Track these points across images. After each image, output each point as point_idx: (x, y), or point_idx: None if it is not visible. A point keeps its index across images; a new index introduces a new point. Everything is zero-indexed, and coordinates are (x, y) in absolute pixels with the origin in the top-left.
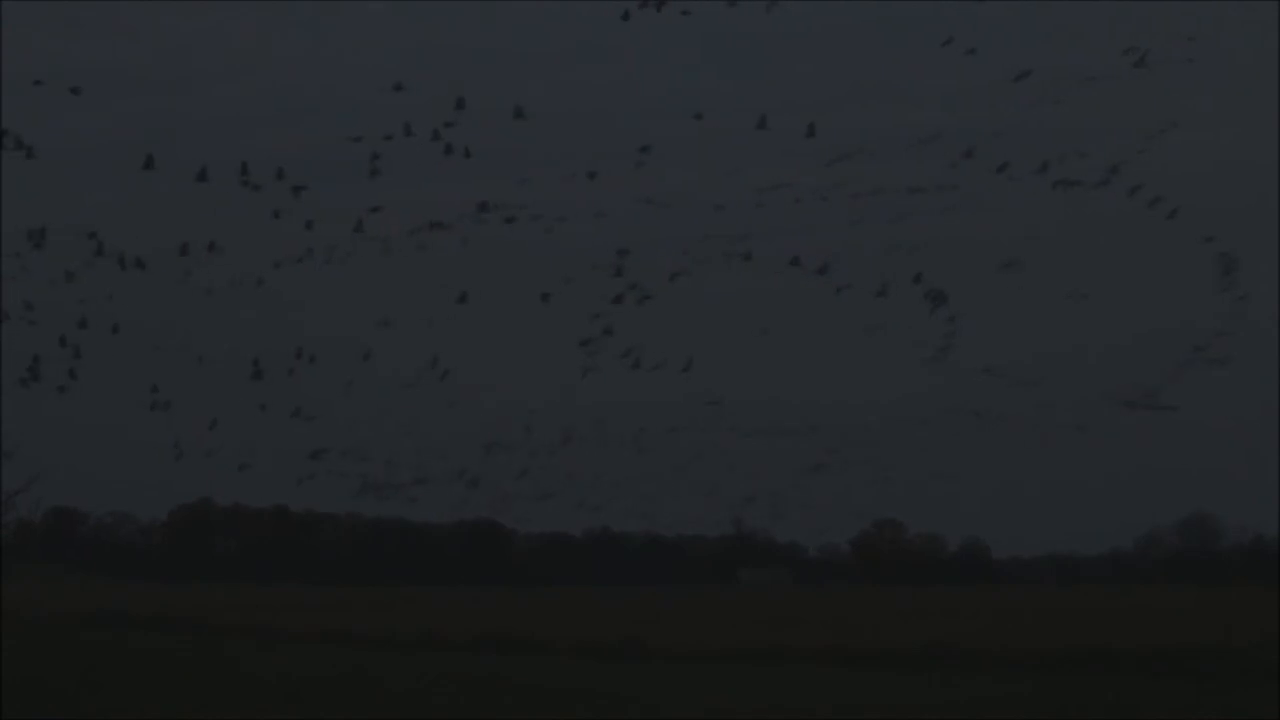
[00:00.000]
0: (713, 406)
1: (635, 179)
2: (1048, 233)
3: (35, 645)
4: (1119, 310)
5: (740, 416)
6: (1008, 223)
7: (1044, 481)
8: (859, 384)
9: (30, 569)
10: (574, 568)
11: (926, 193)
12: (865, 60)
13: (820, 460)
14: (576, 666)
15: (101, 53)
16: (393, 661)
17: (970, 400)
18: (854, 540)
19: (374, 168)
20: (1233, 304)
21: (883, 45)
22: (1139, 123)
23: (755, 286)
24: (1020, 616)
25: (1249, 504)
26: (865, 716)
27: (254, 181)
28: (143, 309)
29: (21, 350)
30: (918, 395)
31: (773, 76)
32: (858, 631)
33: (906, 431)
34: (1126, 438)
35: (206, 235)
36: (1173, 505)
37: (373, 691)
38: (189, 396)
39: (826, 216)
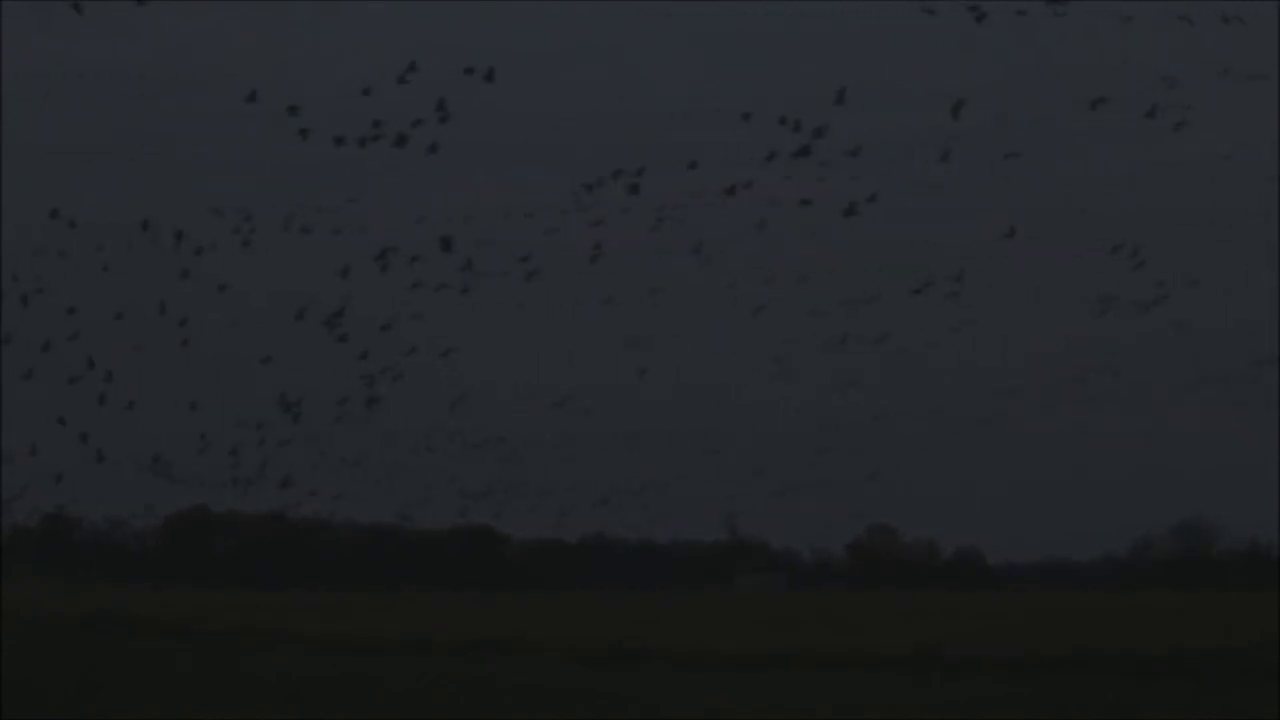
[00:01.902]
0: (715, 409)
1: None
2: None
3: (35, 647)
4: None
5: (736, 419)
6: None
7: (1038, 485)
8: (854, 387)
9: (29, 570)
10: (571, 572)
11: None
12: (869, 61)
13: (816, 464)
14: (576, 668)
15: (101, 53)
16: (392, 663)
17: (967, 404)
18: (849, 545)
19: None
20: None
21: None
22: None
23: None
24: (1018, 619)
25: (1246, 507)
26: (865, 717)
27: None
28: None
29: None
30: (914, 399)
31: (776, 75)
32: (856, 634)
33: (901, 435)
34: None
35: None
36: (1168, 509)
37: (372, 692)
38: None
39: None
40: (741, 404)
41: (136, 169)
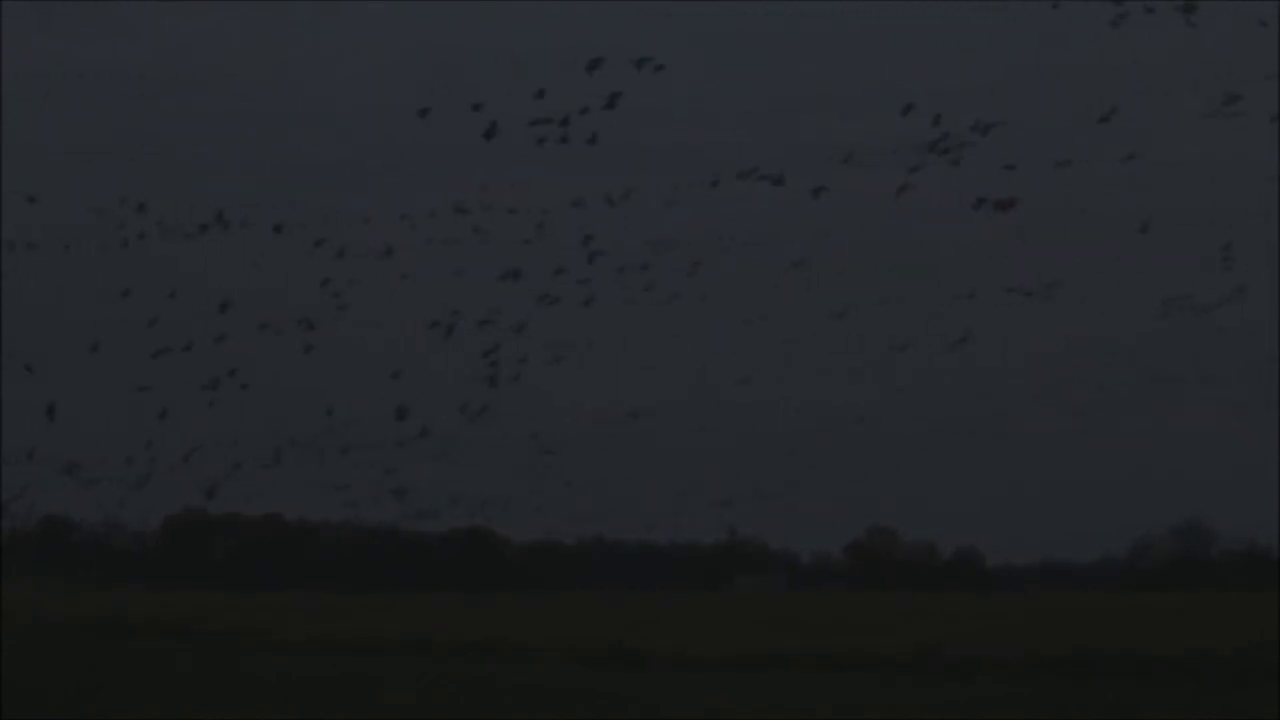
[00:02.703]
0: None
1: None
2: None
3: (35, 648)
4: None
5: (735, 421)
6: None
7: (1036, 487)
8: (850, 388)
9: (28, 570)
10: (570, 572)
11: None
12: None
13: (813, 466)
14: (576, 668)
15: (101, 53)
16: (392, 663)
17: (965, 405)
18: (849, 546)
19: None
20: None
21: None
22: None
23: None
24: (1018, 620)
25: (1246, 508)
26: (865, 717)
27: None
28: None
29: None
30: (912, 400)
31: (777, 75)
32: (856, 635)
33: (901, 436)
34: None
35: None
36: (1168, 509)
37: (372, 692)
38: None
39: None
40: (741, 404)
41: (137, 169)
